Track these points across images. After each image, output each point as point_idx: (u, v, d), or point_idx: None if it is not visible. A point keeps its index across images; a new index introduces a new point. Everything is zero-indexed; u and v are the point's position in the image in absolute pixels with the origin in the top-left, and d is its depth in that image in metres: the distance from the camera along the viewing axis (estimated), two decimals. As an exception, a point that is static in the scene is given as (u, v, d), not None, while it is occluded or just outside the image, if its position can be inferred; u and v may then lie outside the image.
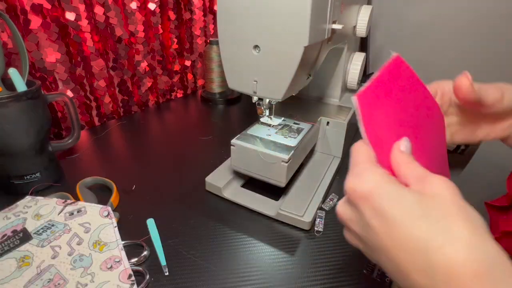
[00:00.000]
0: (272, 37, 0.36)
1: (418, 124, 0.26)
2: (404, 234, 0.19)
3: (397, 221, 0.19)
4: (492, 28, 0.88)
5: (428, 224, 0.18)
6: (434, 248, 0.18)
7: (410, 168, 0.22)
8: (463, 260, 0.17)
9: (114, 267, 0.35)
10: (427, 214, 0.19)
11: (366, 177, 0.21)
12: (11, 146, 0.45)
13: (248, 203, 0.46)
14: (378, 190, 0.20)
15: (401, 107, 0.24)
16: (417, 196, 0.20)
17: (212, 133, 0.69)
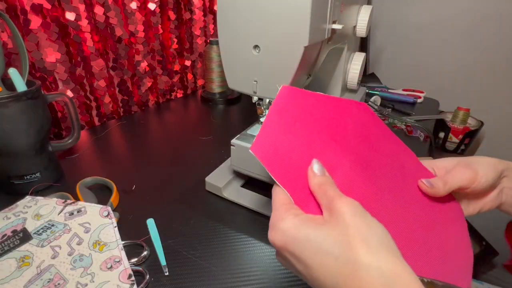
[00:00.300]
0: (272, 37, 0.36)
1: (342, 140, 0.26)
2: (320, 273, 0.21)
3: (312, 263, 0.21)
4: (492, 28, 0.88)
5: (334, 259, 0.20)
6: (344, 280, 0.20)
7: (322, 193, 0.23)
8: (368, 282, 0.19)
9: (114, 267, 0.35)
10: (332, 249, 0.20)
11: (278, 228, 0.22)
12: (11, 146, 0.45)
13: (248, 203, 0.46)
14: (290, 239, 0.22)
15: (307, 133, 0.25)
16: (321, 233, 0.21)
17: (212, 133, 0.69)
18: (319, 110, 0.26)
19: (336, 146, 0.26)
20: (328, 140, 0.25)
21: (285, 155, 0.24)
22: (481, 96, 0.96)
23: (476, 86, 0.96)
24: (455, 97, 0.99)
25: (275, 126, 0.23)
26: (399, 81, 1.07)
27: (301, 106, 0.25)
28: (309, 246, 0.21)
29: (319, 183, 0.24)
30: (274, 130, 0.24)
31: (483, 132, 0.95)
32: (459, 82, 0.98)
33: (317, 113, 0.26)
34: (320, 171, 0.25)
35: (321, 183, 0.24)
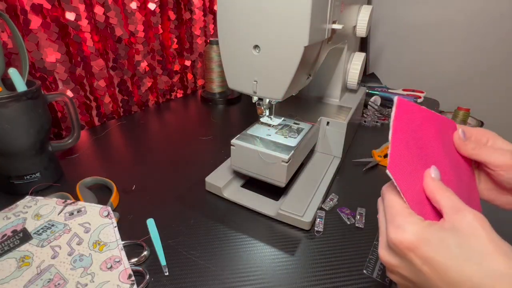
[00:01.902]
0: (272, 37, 0.36)
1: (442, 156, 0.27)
2: (454, 278, 0.21)
3: (445, 266, 0.21)
4: (492, 28, 0.88)
5: (473, 265, 0.21)
6: (487, 284, 0.20)
7: (445, 196, 0.24)
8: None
9: (114, 267, 0.35)
10: (470, 256, 0.21)
11: (407, 229, 0.23)
12: (11, 146, 0.45)
13: (248, 203, 0.46)
14: (422, 240, 0.22)
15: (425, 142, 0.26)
16: (456, 239, 0.21)
17: (212, 133, 0.69)
18: (427, 123, 0.27)
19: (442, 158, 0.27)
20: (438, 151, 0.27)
21: (406, 164, 0.25)
22: (481, 96, 0.96)
23: (476, 86, 0.96)
24: (455, 97, 0.99)
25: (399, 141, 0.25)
26: (399, 81, 1.07)
27: (414, 120, 0.27)
28: (444, 249, 0.21)
29: (439, 187, 0.24)
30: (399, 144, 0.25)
31: (483, 132, 0.95)
32: (459, 82, 0.98)
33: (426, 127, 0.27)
34: (437, 176, 0.25)
35: (440, 187, 0.24)
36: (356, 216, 0.45)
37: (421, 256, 0.22)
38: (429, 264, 0.22)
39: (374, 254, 0.39)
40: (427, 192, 0.25)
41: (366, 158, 0.59)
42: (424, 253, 0.22)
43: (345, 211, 0.46)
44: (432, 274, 0.22)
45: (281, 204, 0.44)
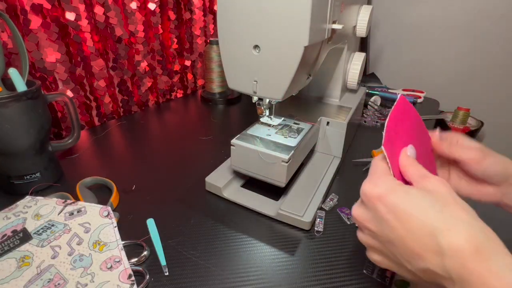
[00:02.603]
0: (272, 37, 0.36)
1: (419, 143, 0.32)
2: (416, 223, 0.23)
3: (408, 213, 0.23)
4: (492, 28, 0.88)
5: (434, 212, 0.23)
6: (442, 231, 0.22)
7: (415, 169, 0.27)
8: (465, 238, 0.21)
9: (114, 267, 0.35)
10: (432, 205, 0.23)
11: (379, 183, 0.26)
12: (11, 146, 0.45)
13: (248, 203, 0.46)
14: (390, 191, 0.25)
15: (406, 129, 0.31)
16: (422, 192, 0.24)
17: (212, 133, 0.69)
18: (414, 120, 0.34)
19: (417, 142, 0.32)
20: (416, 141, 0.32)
21: (394, 142, 0.29)
22: (481, 96, 0.96)
23: (476, 86, 0.96)
24: (455, 97, 0.99)
25: (393, 127, 0.29)
26: (399, 81, 1.07)
27: (406, 114, 0.32)
28: (409, 199, 0.24)
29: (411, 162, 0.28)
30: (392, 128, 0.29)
31: (483, 132, 0.95)
32: (459, 82, 0.98)
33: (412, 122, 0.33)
34: (412, 154, 0.29)
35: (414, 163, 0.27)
36: (356, 216, 0.45)
37: (386, 204, 0.24)
38: (393, 212, 0.24)
39: (374, 254, 0.39)
40: (400, 167, 0.28)
41: (366, 158, 0.59)
42: (390, 201, 0.24)
43: (345, 211, 0.46)
44: (395, 222, 0.24)
45: (281, 204, 0.44)
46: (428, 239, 0.22)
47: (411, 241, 0.23)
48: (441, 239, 0.22)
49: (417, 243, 0.23)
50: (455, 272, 0.21)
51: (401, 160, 0.28)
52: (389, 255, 0.26)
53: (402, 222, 0.24)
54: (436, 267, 0.22)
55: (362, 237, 0.28)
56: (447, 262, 0.21)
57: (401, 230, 0.24)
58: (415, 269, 0.24)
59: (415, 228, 0.23)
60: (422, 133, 0.35)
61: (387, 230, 0.25)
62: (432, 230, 0.22)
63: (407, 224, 0.23)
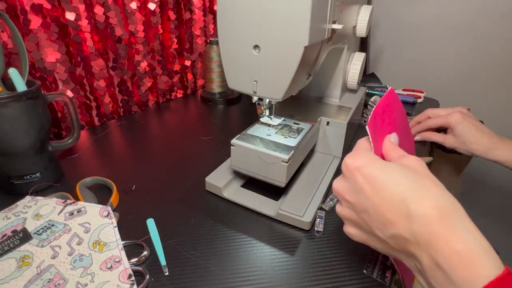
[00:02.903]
0: (272, 37, 0.36)
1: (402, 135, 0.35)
2: (389, 192, 0.25)
3: (384, 182, 0.26)
4: (492, 28, 0.88)
5: (407, 182, 0.25)
6: (413, 199, 0.24)
7: (395, 151, 0.30)
8: (433, 205, 0.23)
9: (114, 267, 0.35)
10: (406, 176, 0.26)
11: (359, 157, 0.28)
12: (11, 146, 0.45)
13: (248, 203, 0.46)
14: (369, 163, 0.27)
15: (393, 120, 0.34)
16: (398, 166, 0.27)
17: (212, 133, 0.69)
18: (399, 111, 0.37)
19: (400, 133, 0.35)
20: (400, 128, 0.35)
21: (378, 128, 0.32)
22: (481, 96, 0.96)
23: (476, 86, 0.96)
24: (455, 97, 0.99)
25: (380, 113, 0.32)
26: (399, 81, 1.07)
27: (393, 104, 0.35)
28: (385, 170, 0.26)
29: (393, 147, 0.31)
30: (379, 114, 0.32)
31: (483, 132, 0.95)
32: (459, 82, 0.98)
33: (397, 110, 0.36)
34: (395, 140, 0.32)
35: (395, 147, 0.31)
36: (356, 216, 0.45)
37: (364, 175, 0.27)
38: (370, 182, 0.26)
39: (374, 254, 0.39)
40: (383, 149, 0.31)
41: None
42: (367, 172, 0.27)
43: (345, 211, 0.46)
44: (370, 191, 0.26)
45: (281, 204, 0.44)
46: (399, 206, 0.24)
47: (385, 208, 0.25)
48: (411, 206, 0.24)
49: (390, 210, 0.25)
50: (421, 236, 0.23)
51: (384, 144, 0.31)
52: (364, 226, 0.28)
53: (377, 191, 0.26)
54: (405, 231, 0.24)
55: (340, 210, 0.30)
56: (415, 226, 0.23)
57: (376, 198, 0.26)
58: (386, 236, 0.26)
59: (388, 196, 0.25)
60: (406, 129, 0.38)
61: (363, 200, 0.27)
62: (403, 198, 0.24)
63: (381, 193, 0.25)
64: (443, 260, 0.22)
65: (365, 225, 0.28)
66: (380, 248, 0.28)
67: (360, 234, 0.29)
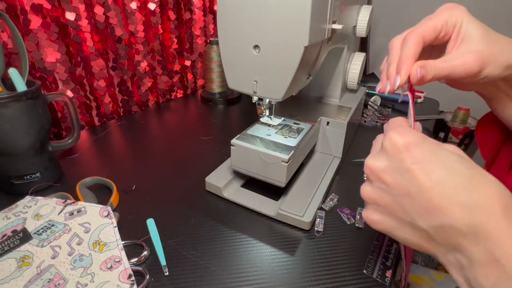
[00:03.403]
0: (272, 37, 0.36)
1: None
2: (444, 176, 0.22)
3: (437, 165, 0.22)
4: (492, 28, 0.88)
5: (464, 169, 0.22)
6: (473, 186, 0.21)
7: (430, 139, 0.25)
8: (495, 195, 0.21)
9: (114, 267, 0.35)
10: (460, 161, 0.23)
11: (406, 133, 0.24)
12: (11, 146, 0.45)
13: (248, 203, 0.46)
14: (419, 142, 0.24)
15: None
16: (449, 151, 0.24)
17: (212, 133, 0.69)
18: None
19: None
20: None
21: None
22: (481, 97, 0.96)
23: (476, 86, 0.96)
24: (455, 97, 0.99)
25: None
26: (399, 81, 1.07)
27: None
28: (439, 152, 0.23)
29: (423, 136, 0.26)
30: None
31: (483, 132, 0.95)
32: (459, 82, 0.98)
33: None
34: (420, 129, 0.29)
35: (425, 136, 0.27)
36: (356, 216, 0.45)
37: (414, 155, 0.23)
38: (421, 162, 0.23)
39: (374, 254, 0.39)
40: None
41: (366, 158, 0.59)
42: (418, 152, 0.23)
43: (345, 211, 0.46)
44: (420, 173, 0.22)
45: (281, 204, 0.44)
46: (455, 193, 0.21)
47: (436, 194, 0.22)
48: (472, 193, 0.21)
49: (443, 197, 0.21)
50: (482, 227, 0.20)
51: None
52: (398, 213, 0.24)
53: (428, 174, 0.22)
54: (460, 222, 0.21)
55: (370, 192, 0.26)
56: (475, 217, 0.21)
57: (426, 182, 0.22)
58: (430, 225, 0.22)
59: (443, 180, 0.22)
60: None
61: (407, 181, 0.23)
62: (462, 184, 0.21)
63: (435, 176, 0.22)
64: (503, 254, 0.20)
65: (400, 212, 0.24)
66: (410, 240, 0.25)
67: (388, 221, 0.25)
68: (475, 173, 0.22)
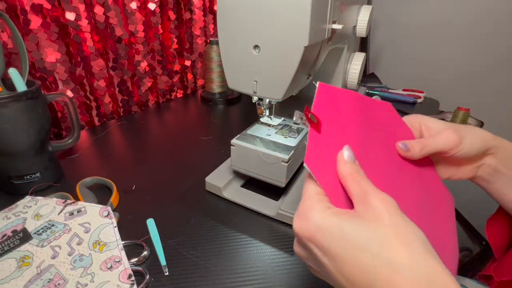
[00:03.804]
0: (272, 37, 0.36)
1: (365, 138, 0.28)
2: (350, 270, 0.20)
3: (343, 257, 0.20)
4: (491, 28, 0.88)
5: (371, 256, 0.19)
6: (381, 280, 0.19)
7: (355, 183, 0.23)
8: (407, 285, 0.18)
9: (114, 267, 0.35)
10: (368, 246, 0.20)
11: (308, 217, 0.22)
12: (11, 146, 0.45)
13: (248, 203, 0.46)
14: (320, 230, 0.21)
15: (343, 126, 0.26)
16: (356, 227, 0.20)
17: (212, 133, 0.69)
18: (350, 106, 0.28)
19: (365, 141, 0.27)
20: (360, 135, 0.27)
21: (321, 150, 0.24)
22: (481, 96, 0.96)
23: (476, 86, 0.96)
24: (455, 97, 0.99)
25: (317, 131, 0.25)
26: (399, 81, 1.07)
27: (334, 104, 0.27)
28: (342, 239, 0.20)
29: (350, 172, 0.23)
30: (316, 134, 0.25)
31: (483, 132, 0.95)
32: (459, 82, 0.98)
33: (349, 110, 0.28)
34: (351, 158, 0.24)
35: (352, 171, 0.23)
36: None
37: (320, 247, 0.21)
38: (327, 255, 0.21)
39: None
40: (340, 178, 0.24)
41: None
42: (323, 244, 0.21)
43: (345, 211, 0.46)
44: (331, 267, 0.21)
45: (281, 204, 0.44)
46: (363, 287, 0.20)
47: (348, 286, 0.20)
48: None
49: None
50: None
51: (339, 171, 0.24)
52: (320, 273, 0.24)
53: (337, 267, 0.20)
54: None
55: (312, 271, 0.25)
56: None
57: (338, 275, 0.21)
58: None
59: (352, 275, 0.20)
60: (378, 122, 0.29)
61: (326, 273, 0.22)
62: (371, 278, 0.19)
63: (344, 270, 0.20)
64: None
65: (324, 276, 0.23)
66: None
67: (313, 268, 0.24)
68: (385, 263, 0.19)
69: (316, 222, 0.21)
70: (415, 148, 0.29)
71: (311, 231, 0.21)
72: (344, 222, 0.21)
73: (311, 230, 0.21)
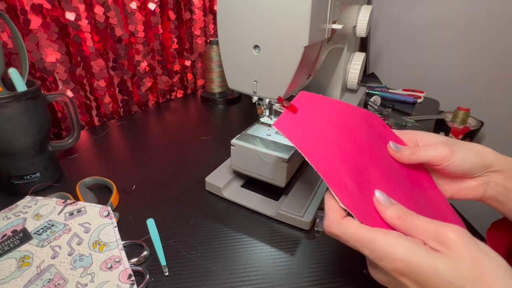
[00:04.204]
0: (272, 37, 0.36)
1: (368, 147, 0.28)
2: None
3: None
4: (492, 28, 0.88)
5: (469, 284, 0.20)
6: None
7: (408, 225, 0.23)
8: None
9: (114, 267, 0.35)
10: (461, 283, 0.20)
11: (394, 255, 0.22)
12: (11, 146, 0.45)
13: (248, 203, 0.46)
14: (413, 267, 0.21)
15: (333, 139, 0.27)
16: (447, 265, 0.21)
17: (212, 133, 0.69)
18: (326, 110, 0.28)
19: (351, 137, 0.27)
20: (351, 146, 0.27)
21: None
22: (481, 96, 0.96)
23: (476, 86, 0.96)
24: (455, 97, 0.99)
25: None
26: (399, 81, 1.07)
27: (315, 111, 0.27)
28: (436, 276, 0.21)
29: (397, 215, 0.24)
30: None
31: (483, 132, 0.95)
32: (459, 82, 0.98)
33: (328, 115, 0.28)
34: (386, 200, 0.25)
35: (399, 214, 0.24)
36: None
37: (414, 281, 0.21)
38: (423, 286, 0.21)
39: (374, 254, 0.39)
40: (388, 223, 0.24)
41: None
42: (416, 279, 0.21)
43: (345, 211, 0.46)
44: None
45: (281, 204, 0.44)
46: None
47: None
48: None
49: None
50: None
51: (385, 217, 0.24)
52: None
53: None
54: None
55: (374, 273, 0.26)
56: None
57: None
58: None
59: None
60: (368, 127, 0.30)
61: None
62: None
63: None
64: None
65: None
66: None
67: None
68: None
69: (404, 258, 0.21)
70: (405, 151, 0.30)
71: (403, 267, 0.22)
72: (433, 258, 0.21)
73: (403, 267, 0.22)
